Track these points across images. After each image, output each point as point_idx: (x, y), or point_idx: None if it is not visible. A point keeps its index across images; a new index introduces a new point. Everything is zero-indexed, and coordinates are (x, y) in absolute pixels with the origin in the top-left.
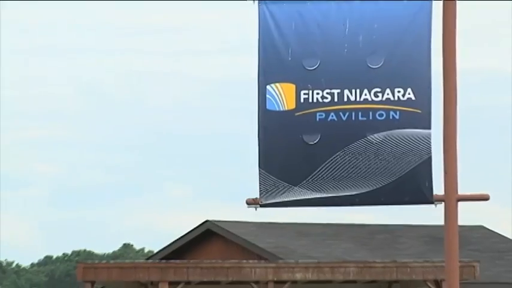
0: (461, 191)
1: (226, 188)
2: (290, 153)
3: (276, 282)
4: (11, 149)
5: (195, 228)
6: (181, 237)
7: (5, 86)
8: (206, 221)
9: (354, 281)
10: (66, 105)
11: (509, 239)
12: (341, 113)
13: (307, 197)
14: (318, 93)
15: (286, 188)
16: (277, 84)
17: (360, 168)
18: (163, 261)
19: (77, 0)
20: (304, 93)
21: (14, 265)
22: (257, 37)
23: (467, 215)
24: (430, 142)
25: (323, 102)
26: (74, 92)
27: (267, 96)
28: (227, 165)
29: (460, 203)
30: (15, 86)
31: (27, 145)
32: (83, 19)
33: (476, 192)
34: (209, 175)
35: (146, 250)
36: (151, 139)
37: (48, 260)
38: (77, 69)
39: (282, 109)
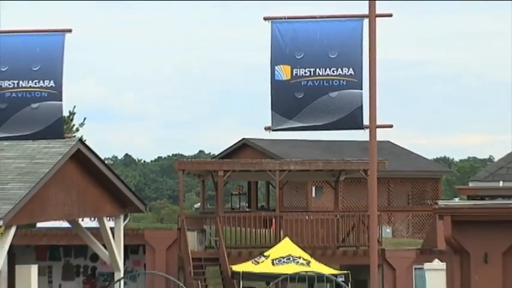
0: (378, 122)
1: (255, 120)
2: (287, 102)
3: (280, 170)
4: (133, 101)
5: (237, 142)
6: (229, 147)
7: (142, 70)
8: (243, 138)
9: (321, 170)
10: (168, 77)
11: (402, 147)
12: (315, 81)
13: (297, 125)
14: (302, 70)
15: (285, 121)
16: (281, 66)
17: (324, 110)
18: (220, 159)
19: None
20: (295, 71)
21: (141, 161)
22: (269, 41)
23: (382, 134)
24: (362, 96)
25: (305, 75)
26: (172, 68)
27: (276, 72)
28: (254, 108)
29: (378, 129)
30: (147, 68)
31: (145, 98)
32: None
33: (386, 122)
34: (245, 113)
35: (211, 153)
36: (214, 97)
37: (159, 158)
38: (174, 58)
39: (283, 79)
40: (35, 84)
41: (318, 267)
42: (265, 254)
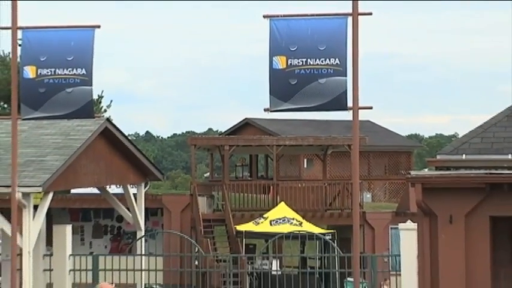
0: (360, 104)
1: (255, 102)
2: (283, 88)
3: (277, 145)
4: (152, 86)
5: (240, 121)
6: (234, 125)
7: (159, 60)
8: (245, 118)
9: (312, 145)
10: (181, 66)
11: (380, 126)
12: (306, 70)
13: (291, 107)
14: (296, 61)
15: (281, 103)
16: (278, 56)
17: (315, 94)
18: (226, 136)
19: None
20: (290, 60)
21: (159, 137)
22: (268, 35)
23: (364, 114)
24: (346, 82)
25: (298, 65)
26: (183, 61)
27: (273, 62)
28: (257, 92)
29: (359, 110)
30: (162, 61)
31: (162, 84)
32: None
33: (366, 104)
34: (247, 97)
35: (219, 131)
36: (220, 83)
37: (175, 135)
38: (186, 50)
39: (280, 68)
40: (69, 72)
41: (308, 227)
42: (264, 216)
